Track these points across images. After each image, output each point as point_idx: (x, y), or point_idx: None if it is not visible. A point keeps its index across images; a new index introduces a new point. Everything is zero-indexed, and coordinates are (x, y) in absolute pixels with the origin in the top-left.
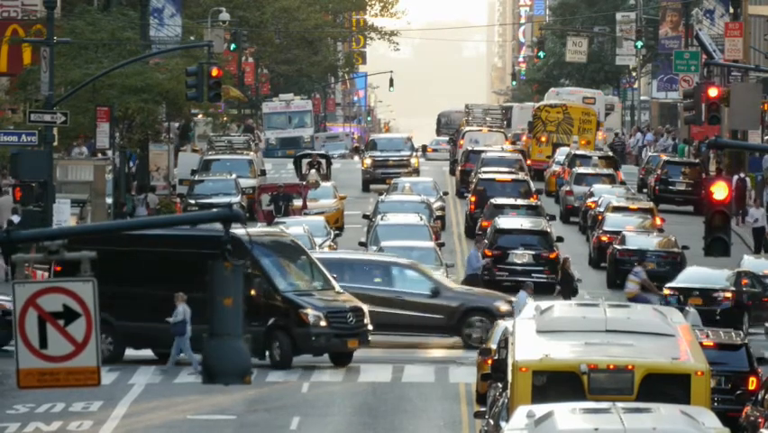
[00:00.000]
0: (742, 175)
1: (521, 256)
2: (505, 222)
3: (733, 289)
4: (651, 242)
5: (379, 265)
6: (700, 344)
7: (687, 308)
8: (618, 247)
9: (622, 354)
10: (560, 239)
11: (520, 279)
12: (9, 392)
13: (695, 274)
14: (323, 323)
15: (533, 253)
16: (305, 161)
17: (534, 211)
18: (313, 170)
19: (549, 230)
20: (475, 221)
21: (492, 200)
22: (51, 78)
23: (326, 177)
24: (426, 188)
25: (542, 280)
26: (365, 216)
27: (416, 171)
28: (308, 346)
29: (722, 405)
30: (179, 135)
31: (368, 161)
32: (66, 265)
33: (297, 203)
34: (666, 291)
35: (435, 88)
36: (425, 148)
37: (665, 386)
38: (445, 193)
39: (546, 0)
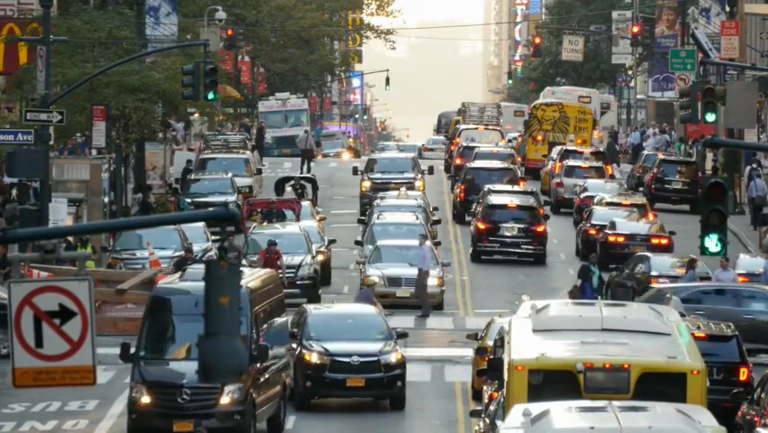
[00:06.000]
0: (754, 165)
1: (510, 229)
2: (496, 198)
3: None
4: (641, 227)
5: None
6: (692, 335)
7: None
8: (609, 231)
9: (618, 353)
10: (546, 217)
11: (510, 250)
12: (5, 391)
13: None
14: (144, 399)
15: (521, 226)
16: (287, 185)
17: (530, 197)
18: (289, 189)
19: (536, 206)
20: (465, 208)
21: (488, 186)
22: (48, 76)
23: (313, 201)
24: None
25: (529, 251)
26: (360, 221)
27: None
28: (132, 424)
29: (714, 396)
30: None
31: (366, 184)
32: None
33: (290, 219)
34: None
35: (432, 87)
36: (431, 170)
37: (661, 385)
38: (435, 209)
39: None
